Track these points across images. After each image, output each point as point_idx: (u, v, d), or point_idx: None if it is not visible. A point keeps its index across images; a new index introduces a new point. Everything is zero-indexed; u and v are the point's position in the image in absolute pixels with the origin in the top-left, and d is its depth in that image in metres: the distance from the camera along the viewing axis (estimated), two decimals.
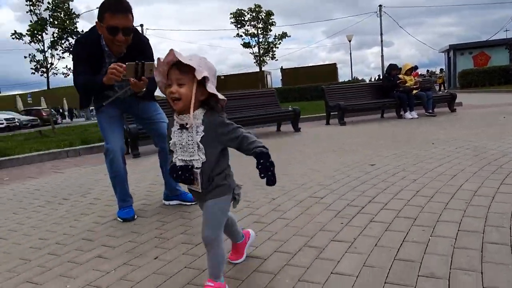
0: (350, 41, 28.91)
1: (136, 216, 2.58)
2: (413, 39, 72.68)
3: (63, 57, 8.97)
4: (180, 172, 1.40)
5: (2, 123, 24.71)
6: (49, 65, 8.99)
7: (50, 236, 2.37)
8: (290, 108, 7.35)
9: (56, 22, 8.94)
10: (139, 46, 2.49)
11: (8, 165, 6.05)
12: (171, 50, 1.33)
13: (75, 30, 9.11)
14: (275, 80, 33.27)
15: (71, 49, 10.48)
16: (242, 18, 13.77)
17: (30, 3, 8.73)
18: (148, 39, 2.68)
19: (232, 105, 7.19)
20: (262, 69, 22.49)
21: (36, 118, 29.41)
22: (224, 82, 28.38)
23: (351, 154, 4.34)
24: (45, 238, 2.34)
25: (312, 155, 4.59)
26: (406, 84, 8.57)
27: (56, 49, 8.96)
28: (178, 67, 1.35)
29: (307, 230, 2.06)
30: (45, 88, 42.92)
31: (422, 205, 2.31)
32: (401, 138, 5.45)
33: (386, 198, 2.51)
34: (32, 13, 8.81)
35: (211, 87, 1.35)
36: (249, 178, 3.29)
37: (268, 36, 13.79)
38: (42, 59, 8.92)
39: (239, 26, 14.53)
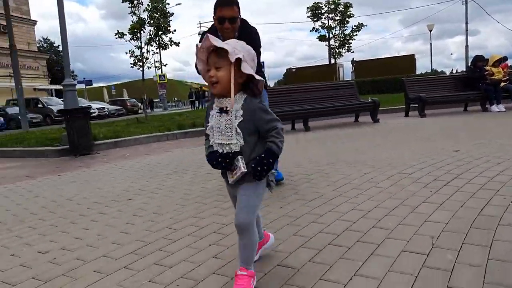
0: (431, 31, 27.43)
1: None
2: (503, 27, 65.79)
3: (156, 52, 10.12)
4: (220, 160, 1.40)
5: (95, 112, 27.81)
6: (144, 60, 10.21)
7: (190, 193, 3.08)
8: (369, 100, 7.61)
9: (152, 22, 10.04)
10: (247, 35, 2.84)
11: (122, 145, 7.19)
12: (207, 36, 1.34)
13: (168, 28, 10.13)
14: (345, 72, 32.90)
15: (163, 45, 11.76)
16: (319, 11, 13.97)
17: (132, 5, 9.99)
18: (256, 29, 3.04)
19: (312, 96, 7.66)
20: (335, 62, 22.45)
21: (122, 107, 32.49)
22: (295, 74, 28.77)
23: (434, 142, 4.57)
24: (187, 193, 3.06)
25: (395, 142, 4.90)
26: (494, 76, 8.28)
27: (152, 45, 10.14)
28: (216, 52, 1.36)
29: (402, 195, 2.49)
30: (127, 80, 47.04)
31: None
32: (486, 129, 5.48)
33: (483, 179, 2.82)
34: (133, 14, 10.13)
35: (247, 67, 1.34)
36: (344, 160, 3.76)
37: (345, 28, 13.87)
38: (139, 54, 10.16)
39: (315, 19, 14.77)
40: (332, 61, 16.43)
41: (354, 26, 14.18)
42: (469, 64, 9.42)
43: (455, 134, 5.17)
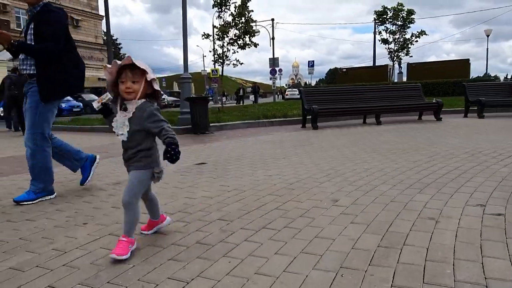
0: (488, 36, 27.58)
1: None
2: None
3: (237, 51, 11.55)
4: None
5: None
6: (225, 58, 11.53)
7: (325, 152, 4.64)
8: (434, 100, 8.90)
9: (237, 26, 11.40)
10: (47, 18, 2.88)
11: (225, 128, 8.94)
12: (129, 56, 1.77)
13: (251, 30, 11.49)
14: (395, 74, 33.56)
15: (242, 46, 13.41)
16: (385, 16, 15.01)
17: (220, 10, 11.41)
18: (60, 13, 2.99)
19: (377, 96, 9.04)
20: (387, 64, 23.30)
21: (178, 99, 34.98)
22: (345, 75, 29.85)
23: (496, 136, 5.87)
24: (324, 152, 4.62)
25: (461, 134, 6.24)
26: None
27: (234, 45, 11.42)
28: (131, 69, 1.78)
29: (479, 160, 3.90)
30: (170, 73, 49.52)
31: None
32: None
33: None
34: (219, 17, 11.56)
35: (157, 85, 1.84)
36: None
37: (405, 33, 14.80)
38: (221, 52, 11.53)
39: (379, 23, 15.81)
40: (390, 63, 17.52)
41: (417, 32, 15.21)
42: None
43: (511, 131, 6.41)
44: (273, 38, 30.48)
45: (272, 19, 31.23)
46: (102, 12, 38.94)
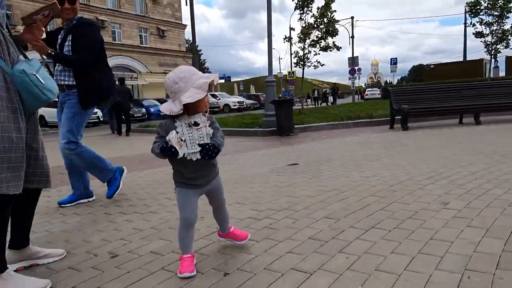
0: None
1: None
2: None
3: (318, 53, 11.51)
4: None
5: (235, 105, 31.46)
6: (306, 60, 11.61)
7: (424, 153, 4.44)
8: None
9: (319, 27, 11.43)
10: (83, 30, 3.04)
11: (308, 130, 8.99)
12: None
13: (333, 31, 11.37)
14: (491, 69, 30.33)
15: (324, 48, 13.37)
16: (478, 8, 13.72)
17: (302, 12, 11.53)
18: (91, 22, 3.26)
19: (475, 94, 8.29)
20: (482, 58, 21.15)
21: (257, 102, 35.87)
22: (433, 72, 27.79)
23: None
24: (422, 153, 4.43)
25: None
26: None
27: (315, 47, 11.47)
28: None
29: None
30: (246, 76, 50.80)
31: None
32: None
33: None
34: (300, 19, 11.71)
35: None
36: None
37: (503, 24, 13.30)
38: (302, 54, 11.64)
39: (472, 15, 14.49)
40: (486, 57, 15.90)
41: None
42: None
43: None
44: (352, 37, 29.70)
45: (352, 17, 30.45)
46: (184, 21, 41.93)
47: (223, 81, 47.27)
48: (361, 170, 3.94)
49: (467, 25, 16.13)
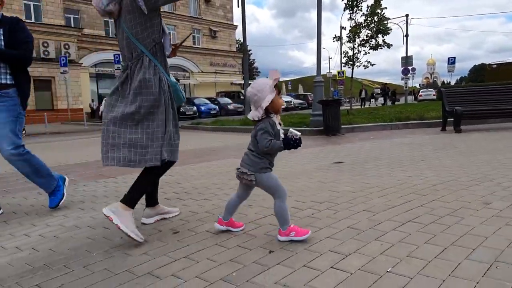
0: None
1: None
2: None
3: (368, 53, 11.29)
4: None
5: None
6: (355, 59, 11.50)
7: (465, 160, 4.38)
8: None
9: (369, 26, 11.25)
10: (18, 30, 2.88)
11: (356, 130, 8.98)
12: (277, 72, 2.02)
13: (384, 29, 11.13)
14: None
15: (374, 47, 13.17)
16: None
17: (351, 11, 11.42)
18: (18, 18, 2.97)
19: (492, 98, 7.80)
20: None
21: (305, 102, 35.78)
22: (496, 71, 26.08)
23: None
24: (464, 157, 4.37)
25: None
26: None
27: (365, 46, 11.30)
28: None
29: None
30: (294, 76, 50.53)
31: None
32: None
33: None
34: (350, 19, 11.57)
35: None
36: None
37: None
38: (352, 54, 11.52)
39: None
40: None
41: None
42: None
43: None
44: (406, 35, 28.62)
45: (407, 15, 29.34)
46: (235, 22, 42.82)
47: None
48: (406, 170, 4.00)
49: None
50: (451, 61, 23.79)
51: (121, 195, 3.44)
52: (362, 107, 26.24)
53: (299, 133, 2.05)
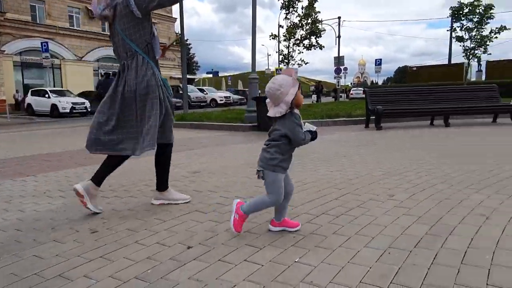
0: None
1: None
2: None
3: (302, 52, 11.74)
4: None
5: (222, 100, 31.62)
6: (290, 58, 11.90)
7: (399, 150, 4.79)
8: (511, 103, 8.40)
9: (304, 27, 11.67)
10: None
11: None
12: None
13: (317, 31, 11.59)
14: (471, 73, 31.29)
15: (308, 47, 13.73)
16: (461, 13, 14.21)
17: (287, 11, 11.73)
18: None
19: (447, 97, 8.73)
20: (463, 62, 21.78)
21: (244, 97, 36.09)
22: (416, 73, 28.52)
23: None
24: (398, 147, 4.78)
25: None
26: None
27: (299, 46, 11.68)
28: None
29: None
30: (238, 72, 51.44)
31: None
32: None
33: None
34: (286, 19, 11.92)
35: None
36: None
37: (483, 30, 13.81)
38: (287, 52, 11.87)
39: (455, 20, 14.98)
40: (472, 61, 16.53)
41: (496, 28, 14.12)
42: None
43: None
44: (339, 37, 30.10)
45: (339, 17, 30.83)
46: (174, 14, 41.73)
47: (210, 75, 47.35)
48: (330, 165, 4.26)
49: (449, 29, 16.72)
50: (378, 62, 25.62)
51: (40, 194, 3.30)
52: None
53: (315, 127, 2.15)
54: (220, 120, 10.45)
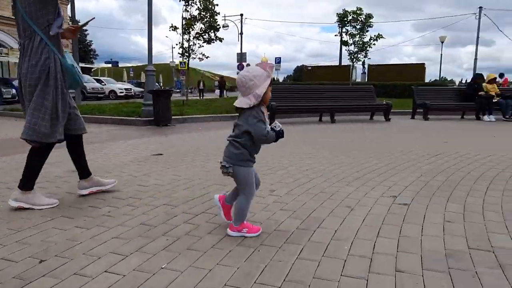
0: (442, 42, 29.20)
1: None
2: None
3: (202, 46, 11.42)
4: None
5: (122, 92, 29.70)
6: (191, 51, 11.44)
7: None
8: (384, 102, 9.50)
9: (203, 20, 11.33)
10: None
11: (188, 121, 9.10)
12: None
13: (216, 26, 11.38)
14: (357, 73, 34.89)
15: (208, 40, 13.56)
16: (346, 19, 15.55)
17: (186, 3, 11.27)
18: None
19: (334, 95, 9.53)
20: (353, 64, 24.03)
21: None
22: (311, 73, 30.59)
23: (433, 137, 6.47)
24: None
25: (403, 134, 6.80)
26: (491, 92, 10.09)
27: (200, 40, 11.34)
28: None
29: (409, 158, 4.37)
30: (142, 64, 48.76)
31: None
32: (472, 132, 7.36)
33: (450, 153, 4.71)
34: (186, 11, 11.45)
35: None
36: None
37: (364, 36, 15.42)
38: (187, 46, 11.40)
39: (340, 25, 16.36)
40: (359, 64, 18.39)
41: (374, 35, 15.98)
42: (470, 80, 11.28)
43: (447, 133, 7.05)
44: (241, 33, 30.61)
45: (241, 14, 31.33)
46: None
47: (110, 65, 43.91)
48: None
49: (338, 34, 18.35)
50: (278, 60, 26.80)
51: None
52: (202, 98, 26.90)
53: (281, 125, 2.08)
54: (114, 113, 9.75)
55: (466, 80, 45.81)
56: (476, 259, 1.80)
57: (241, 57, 27.96)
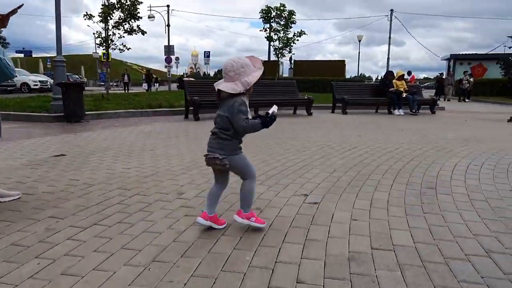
0: (360, 41, 31.08)
1: None
2: (424, 41, 74.00)
3: (123, 36, 10.50)
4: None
5: (37, 85, 26.97)
6: (110, 42, 10.45)
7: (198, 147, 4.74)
8: (305, 97, 9.72)
9: (122, 8, 10.38)
10: None
11: (104, 117, 8.41)
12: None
13: (136, 14, 10.51)
14: (284, 69, 35.89)
15: (129, 31, 12.66)
16: (269, 15, 15.67)
17: None
18: None
19: (262, 90, 9.52)
20: (278, 60, 24.54)
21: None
22: None
23: (349, 131, 6.72)
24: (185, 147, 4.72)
25: (322, 128, 6.98)
26: (399, 88, 10.88)
27: (119, 29, 10.42)
28: None
29: (324, 153, 4.43)
30: (64, 54, 45.04)
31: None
32: (383, 125, 7.83)
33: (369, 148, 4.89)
34: None
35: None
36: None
37: (288, 32, 15.74)
38: (105, 36, 10.36)
39: (265, 21, 16.47)
40: (285, 60, 18.73)
41: (297, 32, 16.38)
42: (382, 77, 12.06)
43: (362, 127, 7.40)
44: (168, 25, 29.46)
45: (168, 6, 30.12)
46: None
47: (22, 55, 39.43)
48: (130, 161, 3.89)
49: (263, 29, 18.48)
50: (207, 54, 26.40)
51: None
52: (127, 92, 25.34)
53: (271, 111, 2.07)
54: (19, 109, 8.66)
55: (381, 77, 49.89)
56: (377, 261, 1.77)
57: (169, 49, 26.97)
